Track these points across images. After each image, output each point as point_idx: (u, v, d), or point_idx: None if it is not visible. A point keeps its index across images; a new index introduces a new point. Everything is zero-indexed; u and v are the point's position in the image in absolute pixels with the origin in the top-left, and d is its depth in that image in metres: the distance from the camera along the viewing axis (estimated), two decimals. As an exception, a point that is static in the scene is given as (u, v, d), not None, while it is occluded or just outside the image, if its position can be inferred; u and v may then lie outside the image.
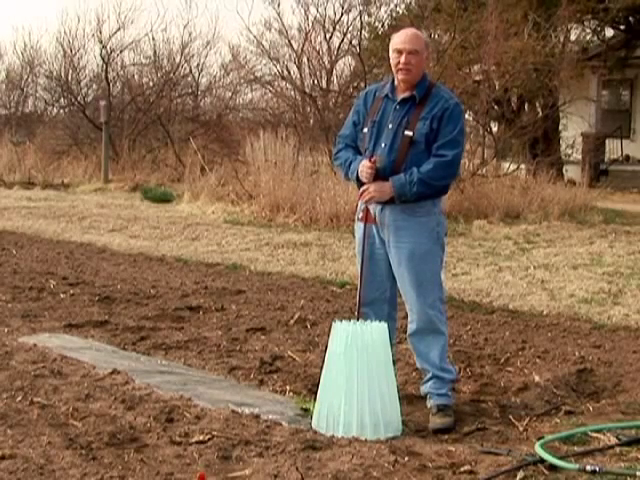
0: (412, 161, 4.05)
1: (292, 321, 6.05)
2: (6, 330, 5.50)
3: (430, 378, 4.17)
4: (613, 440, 3.64)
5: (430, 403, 4.15)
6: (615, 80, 21.52)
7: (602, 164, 20.34)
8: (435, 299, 4.15)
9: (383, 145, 4.12)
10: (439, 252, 4.20)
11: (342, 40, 17.09)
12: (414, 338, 4.19)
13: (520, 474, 3.25)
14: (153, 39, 25.23)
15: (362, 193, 4.14)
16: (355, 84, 17.74)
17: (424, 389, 4.21)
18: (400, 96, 4.14)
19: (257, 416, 3.86)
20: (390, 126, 4.12)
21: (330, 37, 17.02)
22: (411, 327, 4.19)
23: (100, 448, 3.42)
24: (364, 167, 4.11)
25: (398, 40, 4.10)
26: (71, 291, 6.94)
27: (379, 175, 4.11)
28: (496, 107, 17.64)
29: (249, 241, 10.14)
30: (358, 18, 17.08)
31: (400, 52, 4.07)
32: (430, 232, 4.12)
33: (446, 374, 4.17)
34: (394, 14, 18.73)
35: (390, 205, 4.11)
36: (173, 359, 5.09)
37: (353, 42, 17.09)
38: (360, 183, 4.18)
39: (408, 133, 4.07)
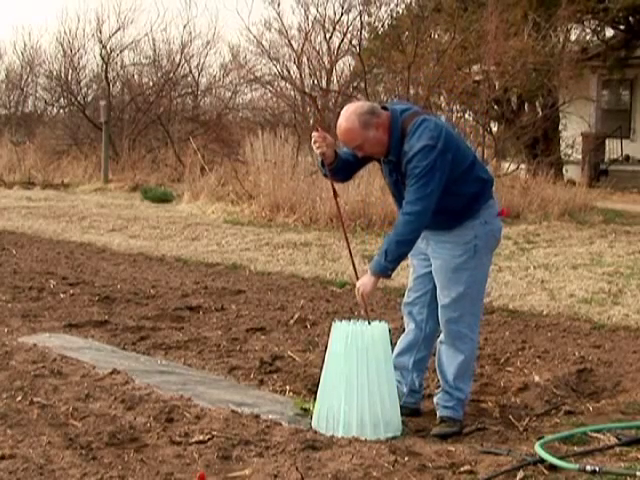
0: (439, 203, 3.88)
1: (292, 321, 6.05)
2: (6, 330, 5.49)
3: (442, 390, 4.12)
4: (613, 440, 3.64)
5: (437, 414, 4.11)
6: (615, 80, 21.50)
7: (602, 164, 20.33)
8: (464, 314, 4.00)
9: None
10: (476, 265, 4.00)
11: (342, 40, 17.07)
12: (441, 346, 4.12)
13: (520, 474, 3.25)
14: (153, 39, 25.36)
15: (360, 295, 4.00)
16: (355, 84, 17.76)
17: (435, 399, 4.17)
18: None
19: (257, 416, 3.86)
20: (388, 181, 4.09)
21: (330, 37, 17.02)
22: (440, 337, 4.14)
23: (100, 448, 3.42)
24: (314, 138, 4.06)
25: (339, 138, 3.99)
26: (71, 291, 6.93)
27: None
28: (496, 107, 17.67)
29: (249, 241, 10.15)
30: (358, 18, 17.07)
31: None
32: (465, 245, 3.97)
33: (456, 392, 4.06)
34: (394, 14, 18.71)
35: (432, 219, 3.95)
36: (173, 359, 5.09)
37: (353, 42, 17.09)
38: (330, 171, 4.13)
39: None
